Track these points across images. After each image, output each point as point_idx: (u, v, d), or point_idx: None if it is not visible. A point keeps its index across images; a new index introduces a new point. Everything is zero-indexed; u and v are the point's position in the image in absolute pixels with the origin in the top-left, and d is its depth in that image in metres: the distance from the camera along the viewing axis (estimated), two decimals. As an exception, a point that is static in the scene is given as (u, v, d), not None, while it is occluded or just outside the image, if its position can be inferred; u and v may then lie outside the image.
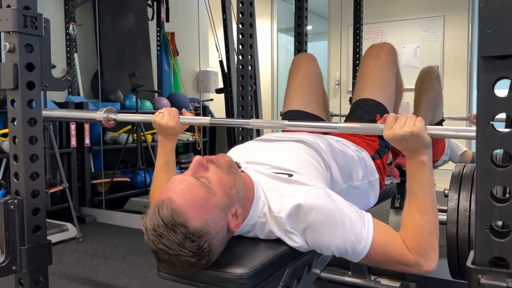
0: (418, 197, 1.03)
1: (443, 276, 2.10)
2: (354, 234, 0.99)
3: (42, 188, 1.29)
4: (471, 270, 0.66)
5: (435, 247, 1.01)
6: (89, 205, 3.53)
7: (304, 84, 1.72)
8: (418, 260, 0.99)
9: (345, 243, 0.99)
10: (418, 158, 1.03)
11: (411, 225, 1.02)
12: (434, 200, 1.04)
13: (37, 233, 1.28)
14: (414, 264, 1.00)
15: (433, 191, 1.05)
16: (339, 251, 1.01)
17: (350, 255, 1.01)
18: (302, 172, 1.12)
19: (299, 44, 2.55)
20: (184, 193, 0.93)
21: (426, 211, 1.02)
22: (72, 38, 3.83)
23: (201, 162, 1.01)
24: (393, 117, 1.04)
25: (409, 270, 1.01)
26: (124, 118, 1.51)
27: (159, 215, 0.90)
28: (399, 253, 1.00)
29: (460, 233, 1.56)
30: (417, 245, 1.00)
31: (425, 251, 0.99)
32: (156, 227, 0.90)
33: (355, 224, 1.00)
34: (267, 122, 1.37)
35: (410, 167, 1.05)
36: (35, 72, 1.25)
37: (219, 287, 0.96)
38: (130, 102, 3.95)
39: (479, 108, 0.66)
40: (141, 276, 2.22)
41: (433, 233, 1.01)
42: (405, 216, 1.05)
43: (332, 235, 0.99)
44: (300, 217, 1.01)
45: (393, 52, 1.64)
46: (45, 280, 1.31)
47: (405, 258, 1.00)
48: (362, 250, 0.99)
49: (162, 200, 0.92)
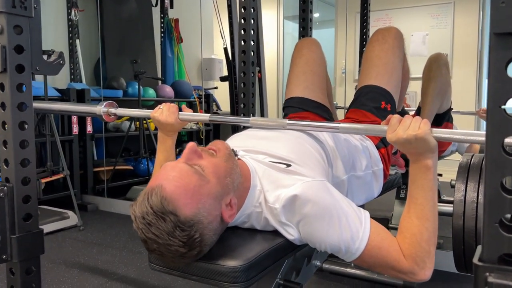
0: (419, 203, 0.98)
1: (448, 269, 2.06)
2: (349, 233, 0.94)
3: (33, 175, 1.25)
4: (477, 268, 0.61)
5: (431, 256, 0.96)
6: (91, 193, 3.51)
7: (307, 69, 1.66)
8: (413, 268, 0.94)
9: (339, 241, 0.94)
10: (422, 162, 0.97)
11: (408, 231, 0.97)
12: (435, 207, 0.99)
13: (28, 222, 1.25)
14: (408, 272, 0.95)
15: (435, 197, 1.00)
16: (332, 248, 0.96)
17: (343, 254, 0.96)
18: (300, 163, 1.07)
19: (304, 30, 2.49)
20: (176, 180, 0.88)
21: (426, 218, 0.96)
22: (74, 24, 3.77)
23: (195, 149, 0.96)
24: (397, 118, 0.98)
25: (402, 277, 0.97)
26: (124, 113, 1.48)
27: (148, 202, 0.86)
28: (394, 258, 0.95)
29: (467, 226, 1.51)
30: (414, 253, 0.95)
31: (421, 259, 0.94)
32: (145, 214, 0.86)
33: (351, 222, 0.95)
34: (268, 120, 1.32)
35: (413, 171, 1.00)
36: (25, 54, 1.20)
37: (211, 280, 0.92)
38: (133, 90, 3.90)
39: (489, 90, 0.60)
40: (140, 265, 2.19)
41: (431, 241, 0.96)
42: (403, 221, 1.00)
43: (327, 231, 0.95)
44: (295, 209, 0.97)
45: (400, 37, 1.57)
46: (37, 269, 1.28)
47: (400, 265, 0.95)
48: (356, 250, 0.95)
49: (152, 187, 0.88)
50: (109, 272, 2.11)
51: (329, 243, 0.95)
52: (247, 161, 1.09)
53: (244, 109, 2.14)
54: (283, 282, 1.15)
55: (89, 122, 3.50)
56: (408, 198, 1.00)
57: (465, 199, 1.54)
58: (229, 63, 3.67)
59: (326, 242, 0.95)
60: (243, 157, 1.11)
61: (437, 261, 2.20)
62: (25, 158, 1.22)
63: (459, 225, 1.52)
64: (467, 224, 1.50)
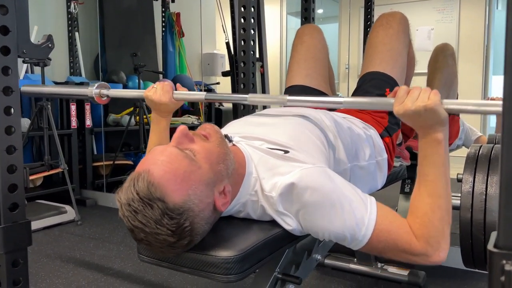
0: (430, 179, 0.91)
1: (455, 265, 1.99)
2: (354, 220, 0.88)
3: (19, 163, 1.19)
4: (493, 255, 0.54)
5: (446, 236, 0.89)
6: (90, 188, 3.46)
7: (309, 57, 1.59)
8: (426, 249, 0.87)
9: (343, 229, 0.88)
10: (432, 136, 0.90)
11: (420, 210, 0.90)
12: (448, 184, 0.92)
13: (14, 212, 1.19)
14: (421, 254, 0.88)
15: (448, 174, 0.92)
16: (337, 237, 0.90)
17: (348, 242, 0.90)
18: (299, 149, 1.00)
19: (306, 21, 2.42)
20: (164, 165, 0.82)
21: (438, 195, 0.90)
22: (73, 17, 3.72)
23: (186, 133, 0.90)
24: (404, 90, 0.92)
25: (415, 261, 0.90)
26: (117, 94, 1.42)
27: (134, 188, 0.80)
28: (405, 241, 0.89)
29: (475, 219, 1.44)
30: (426, 233, 0.88)
31: (435, 240, 0.87)
32: (130, 201, 0.79)
33: (355, 208, 0.89)
34: (266, 97, 1.26)
35: (422, 146, 0.93)
36: (10, 36, 1.15)
37: (203, 271, 0.86)
38: (133, 84, 3.85)
39: (507, 61, 0.53)
40: (137, 260, 2.13)
41: (444, 220, 0.89)
42: (414, 201, 0.93)
43: (329, 219, 0.88)
44: (293, 197, 0.90)
45: (405, 22, 1.50)
46: (24, 262, 1.23)
47: (412, 247, 0.88)
48: (362, 237, 0.88)
49: (139, 172, 0.82)
50: (105, 267, 2.05)
51: (333, 231, 0.89)
52: (242, 148, 1.03)
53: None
54: (282, 276, 1.09)
55: (88, 116, 3.45)
56: (418, 176, 0.94)
57: (473, 191, 1.47)
58: (231, 57, 3.61)
59: (330, 231, 0.89)
60: (238, 143, 1.05)
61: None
62: (11, 145, 1.17)
63: (466, 218, 1.45)
64: (475, 217, 1.43)
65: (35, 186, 3.19)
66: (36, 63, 2.84)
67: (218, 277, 0.84)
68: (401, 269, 1.81)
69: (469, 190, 1.46)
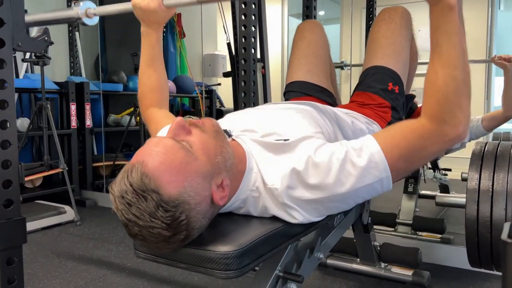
0: (444, 50, 0.84)
1: (460, 265, 1.95)
2: (366, 171, 0.86)
3: (14, 158, 1.16)
4: (507, 245, 0.51)
5: (464, 108, 0.84)
6: (90, 189, 3.44)
7: (309, 52, 1.56)
8: (441, 129, 0.84)
9: (364, 185, 0.87)
10: (443, 2, 0.83)
11: (432, 87, 0.85)
12: (465, 54, 0.85)
13: (9, 208, 1.16)
14: (438, 136, 0.85)
15: (464, 44, 0.85)
16: (364, 195, 0.90)
17: (378, 190, 0.89)
18: (299, 137, 0.97)
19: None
20: (159, 156, 0.79)
21: (454, 65, 0.83)
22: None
23: (183, 124, 0.87)
24: None
25: (440, 147, 0.87)
26: (103, 10, 1.34)
27: (128, 179, 0.76)
28: (417, 135, 0.86)
29: (481, 217, 1.41)
30: (440, 111, 0.84)
31: (450, 115, 0.83)
32: (124, 193, 0.76)
33: (363, 163, 0.87)
34: None
35: (433, 16, 0.86)
36: (5, 28, 1.12)
37: (201, 267, 0.82)
38: (134, 84, 3.83)
39: None
40: (136, 259, 2.10)
41: (461, 91, 0.83)
42: (427, 78, 0.87)
43: (346, 188, 0.87)
44: (299, 183, 0.88)
45: (407, 16, 1.48)
46: (19, 260, 1.20)
47: (428, 135, 0.85)
48: (384, 176, 0.87)
49: (133, 164, 0.79)
50: (103, 267, 2.02)
51: (356, 195, 0.89)
52: (243, 143, 1.00)
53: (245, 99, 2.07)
54: (283, 274, 1.06)
55: (88, 116, 3.42)
56: (431, 50, 0.87)
57: (479, 188, 1.44)
58: (232, 58, 3.59)
59: (353, 196, 0.89)
60: (238, 137, 1.02)
61: (447, 257, 2.10)
62: (5, 139, 1.14)
63: (472, 216, 1.42)
64: (481, 214, 1.40)
65: (34, 186, 3.16)
66: (35, 62, 2.82)
67: (216, 273, 0.81)
68: (405, 269, 1.77)
69: (475, 187, 1.43)
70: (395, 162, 0.87)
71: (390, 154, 0.87)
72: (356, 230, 1.73)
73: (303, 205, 0.90)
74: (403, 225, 2.29)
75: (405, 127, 0.90)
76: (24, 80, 3.18)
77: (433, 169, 2.77)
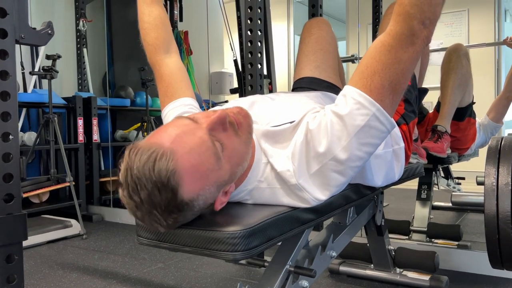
0: None
1: (478, 271, 1.87)
2: (353, 115, 0.84)
3: (16, 152, 1.14)
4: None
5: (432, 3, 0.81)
6: (97, 204, 3.39)
7: (317, 48, 1.54)
8: (408, 25, 0.80)
9: (358, 131, 0.84)
10: None
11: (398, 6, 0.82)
12: None
13: (9, 203, 1.13)
14: (406, 36, 0.81)
15: None
16: (368, 142, 0.87)
17: (379, 128, 0.86)
18: (302, 114, 0.96)
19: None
20: (193, 157, 0.75)
21: None
22: (82, 34, 3.74)
23: (224, 121, 0.83)
24: None
25: (413, 50, 0.82)
26: None
27: (154, 166, 0.72)
28: (386, 49, 0.82)
29: (501, 211, 1.34)
30: (406, 3, 0.80)
31: (417, 8, 0.80)
32: (143, 177, 0.73)
33: (346, 109, 0.85)
34: None
35: None
36: (8, 19, 1.11)
37: (207, 249, 0.78)
38: (141, 99, 3.84)
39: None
40: (142, 270, 2.04)
41: None
42: None
43: (340, 143, 0.84)
44: (306, 155, 0.86)
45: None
46: (20, 257, 1.15)
47: (395, 41, 0.82)
48: (370, 110, 0.84)
49: (164, 149, 0.74)
50: (108, 277, 1.96)
51: (359, 142, 0.85)
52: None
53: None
54: (294, 268, 1.00)
55: (96, 130, 3.41)
56: None
57: (497, 183, 1.37)
58: (239, 74, 3.59)
59: (358, 147, 0.85)
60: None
61: (465, 262, 2.01)
62: (7, 132, 1.11)
63: (492, 211, 1.35)
64: (501, 209, 1.33)
65: (41, 201, 3.13)
66: (43, 75, 2.83)
67: (223, 255, 0.76)
68: (422, 275, 1.69)
69: (493, 182, 1.37)
70: (378, 92, 0.83)
71: (369, 87, 0.83)
72: (369, 233, 1.66)
73: (313, 180, 0.86)
74: (418, 232, 2.21)
75: (372, 49, 0.86)
76: (32, 94, 3.19)
77: (446, 177, 2.70)
